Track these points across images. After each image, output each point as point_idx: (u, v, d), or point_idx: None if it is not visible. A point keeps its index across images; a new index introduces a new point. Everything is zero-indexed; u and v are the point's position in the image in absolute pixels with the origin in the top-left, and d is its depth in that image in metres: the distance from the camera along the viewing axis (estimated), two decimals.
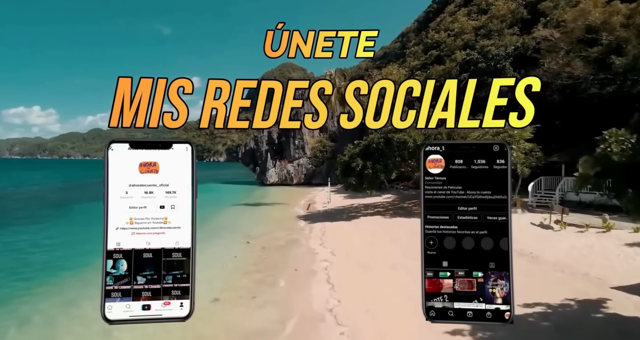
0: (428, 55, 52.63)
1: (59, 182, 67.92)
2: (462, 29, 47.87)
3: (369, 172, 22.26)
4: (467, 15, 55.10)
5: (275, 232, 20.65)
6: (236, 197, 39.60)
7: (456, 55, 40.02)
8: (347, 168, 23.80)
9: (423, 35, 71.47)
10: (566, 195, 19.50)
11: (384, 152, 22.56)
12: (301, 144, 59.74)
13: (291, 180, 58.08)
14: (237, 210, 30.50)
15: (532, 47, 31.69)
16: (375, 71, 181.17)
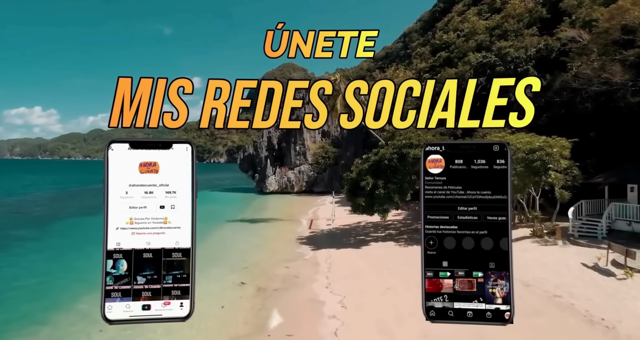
0: (437, 57, 49.78)
1: (52, 189, 65.22)
2: (474, 29, 45.00)
3: (381, 193, 19.49)
4: (477, 15, 52.27)
5: (275, 263, 17.86)
6: (233, 210, 36.81)
7: (469, 57, 37.17)
8: (355, 187, 21.02)
9: (429, 35, 68.64)
10: (615, 224, 16.69)
11: (398, 169, 19.79)
12: (302, 150, 56.94)
13: (292, 188, 55.28)
14: (233, 229, 27.70)
15: (557, 49, 28.83)
16: (379, 73, 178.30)
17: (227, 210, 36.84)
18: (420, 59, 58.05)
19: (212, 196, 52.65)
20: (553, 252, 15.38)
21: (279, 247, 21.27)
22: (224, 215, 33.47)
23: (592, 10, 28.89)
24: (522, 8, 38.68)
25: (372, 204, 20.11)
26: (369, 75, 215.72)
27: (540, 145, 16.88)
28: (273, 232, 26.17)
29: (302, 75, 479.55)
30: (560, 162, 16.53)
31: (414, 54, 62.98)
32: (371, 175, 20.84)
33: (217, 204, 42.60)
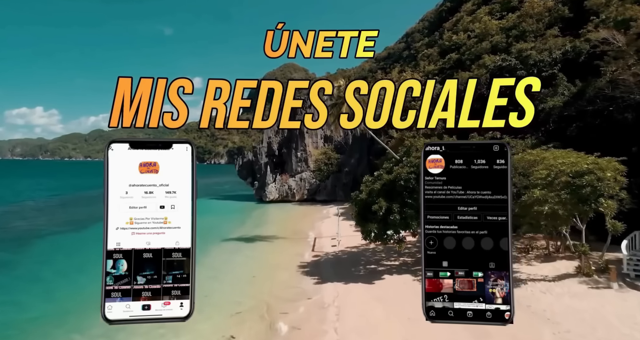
0: (446, 59, 47.12)
1: (45, 197, 62.71)
2: (486, 30, 42.34)
3: (396, 218, 16.83)
4: (488, 14, 49.61)
5: (274, 305, 15.18)
6: (230, 225, 34.15)
7: (484, 59, 34.51)
8: (365, 210, 18.37)
9: (436, 36, 65.94)
10: None
11: (415, 191, 17.14)
12: (304, 156, 54.26)
13: (293, 196, 52.60)
14: (229, 251, 25.04)
15: (586, 51, 26.11)
16: (381, 74, 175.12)
17: (224, 224, 34.18)
18: (428, 61, 55.40)
19: (210, 205, 50.01)
20: (611, 300, 12.70)
21: (278, 279, 18.60)
22: (221, 232, 30.81)
23: (624, 9, 26.20)
24: (540, 7, 35.98)
25: (385, 229, 17.46)
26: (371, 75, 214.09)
27: (588, 167, 14.15)
28: (273, 256, 23.48)
29: (303, 75, 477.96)
30: (614, 188, 13.80)
31: (421, 56, 60.31)
32: (384, 197, 18.16)
33: (214, 216, 39.95)
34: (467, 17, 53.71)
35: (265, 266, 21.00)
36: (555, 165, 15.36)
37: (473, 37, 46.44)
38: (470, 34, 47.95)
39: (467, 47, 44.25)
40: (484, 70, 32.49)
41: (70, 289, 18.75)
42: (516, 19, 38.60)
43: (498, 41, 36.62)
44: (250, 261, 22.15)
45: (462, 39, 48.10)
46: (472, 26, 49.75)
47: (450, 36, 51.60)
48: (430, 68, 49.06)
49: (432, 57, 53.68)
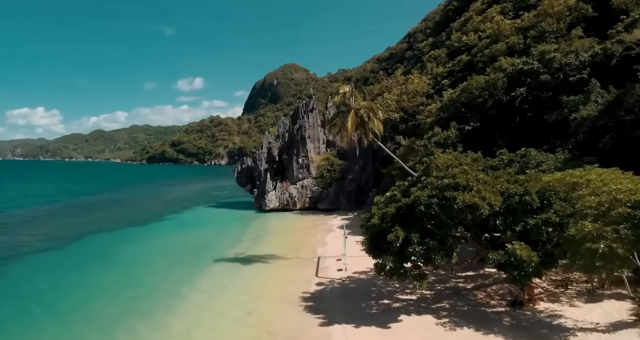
0: (456, 60, 44.57)
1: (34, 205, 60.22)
2: (500, 30, 39.79)
3: (416, 250, 14.37)
4: (499, 13, 47.05)
5: None
6: (226, 241, 31.67)
7: (500, 62, 31.97)
8: (378, 238, 15.91)
9: (442, 36, 63.43)
10: None
11: (439, 219, 14.67)
12: (305, 162, 51.74)
13: (294, 204, 50.08)
14: (221, 276, 22.55)
15: (619, 54, 23.58)
16: (383, 75, 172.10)
17: (220, 240, 31.72)
18: (435, 62, 52.86)
19: (206, 215, 47.56)
20: None
21: (275, 319, 16.10)
22: (215, 250, 28.36)
23: None
24: (561, 5, 33.42)
25: (402, 264, 15.01)
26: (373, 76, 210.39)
27: None
28: (271, 283, 20.98)
29: (303, 75, 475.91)
30: None
31: (427, 57, 57.74)
32: (400, 224, 15.67)
33: (210, 229, 37.49)
34: (477, 17, 51.17)
35: (261, 299, 18.48)
36: (608, 191, 12.85)
37: (484, 37, 43.89)
38: (481, 34, 45.42)
39: (479, 48, 41.71)
40: (501, 73, 29.96)
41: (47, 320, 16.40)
42: (533, 18, 36.05)
43: (515, 42, 34.09)
44: (243, 293, 19.63)
45: (473, 40, 45.57)
46: (482, 26, 47.18)
47: (460, 37, 49.06)
48: (438, 70, 46.52)
49: (440, 59, 51.14)
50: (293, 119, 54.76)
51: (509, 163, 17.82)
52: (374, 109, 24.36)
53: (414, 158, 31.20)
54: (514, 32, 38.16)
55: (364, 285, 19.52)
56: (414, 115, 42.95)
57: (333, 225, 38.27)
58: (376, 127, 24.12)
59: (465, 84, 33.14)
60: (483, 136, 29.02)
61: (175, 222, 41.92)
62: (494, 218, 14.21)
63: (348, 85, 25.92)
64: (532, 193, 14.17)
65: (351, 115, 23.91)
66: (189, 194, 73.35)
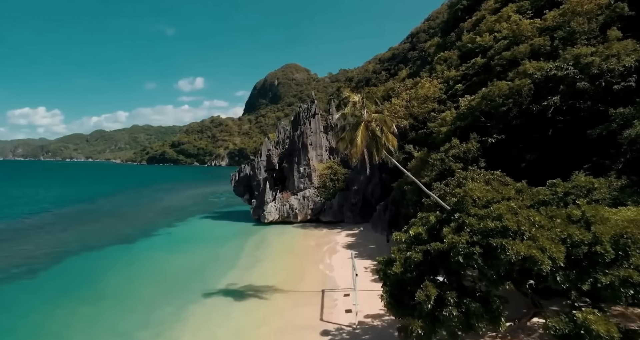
0: (470, 63, 41.27)
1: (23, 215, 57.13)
2: (520, 31, 36.49)
3: (452, 314, 11.19)
4: (516, 12, 43.75)
5: None
6: (216, 266, 28.45)
7: (525, 66, 28.68)
8: (401, 291, 12.72)
9: (452, 37, 60.12)
10: None
11: (482, 271, 11.47)
12: (307, 171, 48.50)
13: (295, 217, 46.85)
14: (205, 318, 19.29)
15: None
16: (385, 75, 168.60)
17: (212, 265, 28.48)
18: (446, 65, 49.54)
19: (200, 229, 44.31)
20: None
21: None
22: (205, 278, 25.14)
23: None
24: (591, 3, 30.13)
25: (434, 331, 11.81)
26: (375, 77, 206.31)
27: None
28: (266, 333, 17.68)
29: (304, 75, 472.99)
30: None
31: (437, 59, 54.41)
32: (429, 273, 12.45)
33: (202, 248, 34.25)
34: (491, 16, 47.84)
35: None
36: None
37: (500, 38, 40.58)
38: (497, 35, 42.10)
39: (496, 50, 38.39)
40: (527, 79, 26.66)
41: None
42: (558, 17, 32.75)
43: (540, 44, 30.78)
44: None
45: (488, 41, 42.24)
46: (498, 26, 43.86)
47: (473, 37, 45.74)
48: (451, 74, 43.20)
49: (451, 61, 47.82)
50: (294, 125, 51.51)
51: (564, 197, 14.46)
52: (388, 121, 21.08)
53: (428, 173, 27.96)
54: (535, 32, 34.86)
55: (380, 338, 16.24)
56: (425, 122, 39.69)
57: (338, 243, 35.03)
58: (390, 142, 20.87)
59: (485, 90, 29.86)
60: (508, 150, 25.76)
61: (165, 238, 38.70)
62: (554, 273, 10.96)
63: (358, 94, 22.63)
64: (605, 241, 10.92)
65: (361, 129, 20.65)
66: (185, 202, 70.15)
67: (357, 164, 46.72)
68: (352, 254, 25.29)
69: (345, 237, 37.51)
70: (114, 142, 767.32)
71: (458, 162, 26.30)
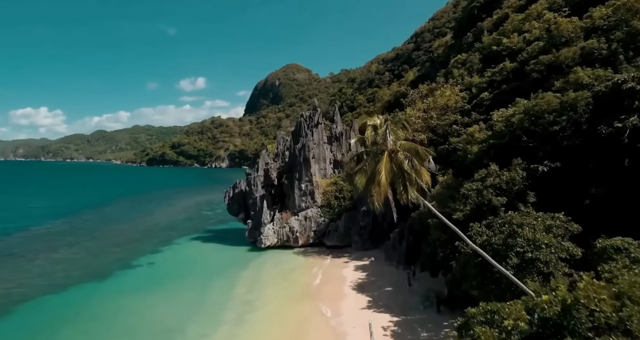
0: (497, 68, 35.89)
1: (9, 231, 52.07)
2: (559, 31, 31.14)
3: None
4: (548, 10, 38.39)
5: None
6: (200, 318, 23.14)
7: (577, 74, 23.33)
8: None
9: (468, 37, 54.74)
10: None
11: None
12: (309, 188, 43.20)
13: (295, 240, 41.56)
14: None
15: None
16: (388, 76, 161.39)
17: (193, 319, 23.15)
18: (464, 68, 44.14)
19: (187, 258, 38.89)
20: None
21: None
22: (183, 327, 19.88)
23: None
24: None
25: None
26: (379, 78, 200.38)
27: None
28: None
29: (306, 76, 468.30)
30: None
31: (453, 62, 49.01)
32: None
33: (184, 290, 28.85)
34: (517, 15, 42.46)
35: None
36: None
37: (532, 39, 35.25)
38: (527, 35, 36.76)
39: (529, 53, 33.05)
40: (585, 91, 21.30)
41: None
42: (610, 15, 27.37)
43: (594, 47, 25.40)
44: None
45: (516, 43, 36.87)
46: (527, 26, 38.53)
47: (498, 38, 40.34)
48: (474, 80, 37.79)
49: (473, 65, 42.41)
50: (294, 136, 46.21)
51: None
52: (421, 152, 15.80)
53: (460, 206, 22.58)
54: (579, 33, 29.51)
55: None
56: (446, 136, 34.33)
57: (346, 280, 29.69)
58: (423, 179, 15.59)
59: (527, 103, 24.51)
60: (564, 181, 20.42)
61: (144, 272, 33.42)
62: None
63: (379, 116, 17.32)
64: None
65: (384, 162, 15.39)
66: (176, 216, 64.90)
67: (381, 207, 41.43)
68: (370, 326, 19.89)
69: (355, 271, 32.19)
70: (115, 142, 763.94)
71: (501, 196, 20.94)
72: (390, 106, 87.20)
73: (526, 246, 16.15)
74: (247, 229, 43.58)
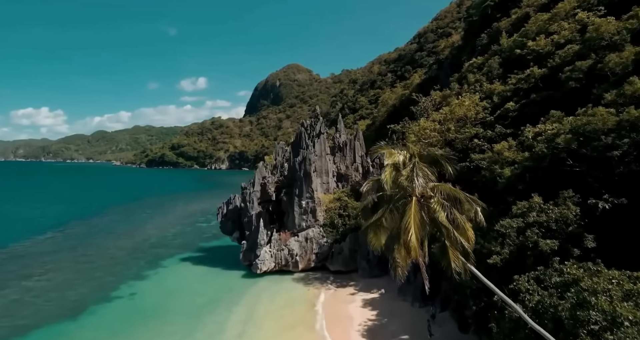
0: (524, 74, 31.75)
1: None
2: (598, 33, 27.01)
3: None
4: (578, 8, 34.27)
5: None
6: None
7: (636, 85, 19.23)
8: None
9: (483, 39, 50.58)
10: None
11: None
12: (310, 205, 39.11)
13: (295, 265, 37.47)
14: None
15: None
16: (391, 77, 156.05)
17: None
18: (481, 74, 39.97)
19: (175, 286, 34.57)
20: None
21: None
22: None
23: None
24: None
25: None
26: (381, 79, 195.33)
27: None
28: None
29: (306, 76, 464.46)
30: None
31: (467, 66, 44.87)
32: None
33: (167, 334, 24.80)
34: (541, 14, 38.29)
35: None
36: None
37: (563, 42, 31.15)
38: (555, 37, 32.62)
39: (562, 58, 28.95)
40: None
41: None
42: None
43: None
44: None
45: (544, 46, 32.72)
46: (554, 27, 34.41)
47: (521, 41, 36.17)
48: (496, 87, 33.61)
49: (492, 69, 38.23)
50: (294, 148, 42.13)
51: None
52: (463, 200, 11.71)
53: (496, 247, 18.47)
54: (626, 35, 25.39)
55: None
56: (466, 151, 30.24)
57: (353, 321, 25.61)
58: (468, 238, 11.52)
59: (574, 120, 20.42)
60: (629, 221, 16.30)
61: (123, 308, 29.28)
62: None
63: (402, 149, 13.16)
64: None
65: (413, 212, 11.31)
66: (169, 229, 60.79)
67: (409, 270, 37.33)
68: None
69: (363, 307, 28.10)
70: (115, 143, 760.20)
71: (549, 238, 16.83)
72: (395, 111, 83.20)
73: (603, 322, 12.07)
74: (241, 251, 39.45)
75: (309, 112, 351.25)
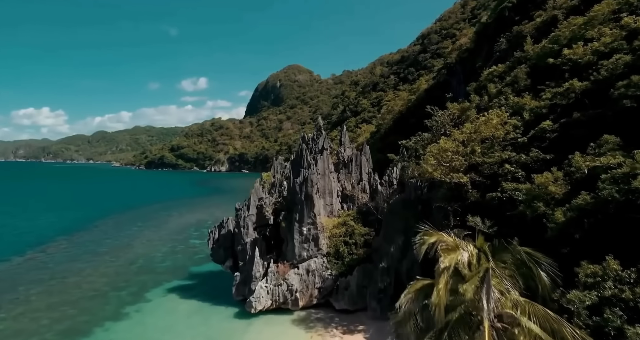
0: (563, 88, 27.24)
1: None
2: None
3: None
4: (618, 12, 29.83)
5: None
6: None
7: None
8: None
9: (501, 45, 46.08)
10: None
11: None
12: (312, 232, 34.63)
13: (295, 302, 32.98)
14: None
15: None
16: (394, 79, 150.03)
17: None
18: (507, 85, 35.42)
19: (155, 327, 30.02)
20: None
21: None
22: None
23: None
24: None
25: None
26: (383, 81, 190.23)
27: None
28: None
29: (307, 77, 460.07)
30: None
31: (486, 75, 40.34)
32: None
33: None
34: (573, 18, 33.79)
35: None
36: None
37: (608, 51, 26.69)
38: (595, 45, 28.14)
39: (610, 70, 24.48)
40: None
41: None
42: None
43: None
44: None
45: (582, 55, 28.23)
46: (591, 33, 29.96)
47: (554, 48, 31.66)
48: (528, 102, 29.05)
49: (519, 81, 33.70)
50: (294, 166, 37.62)
51: None
52: (557, 330, 7.20)
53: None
54: None
55: None
56: (495, 178, 25.78)
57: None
58: None
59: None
60: None
61: None
62: None
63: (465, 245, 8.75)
64: None
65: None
66: (159, 248, 56.29)
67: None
68: None
69: None
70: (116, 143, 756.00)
71: (635, 321, 12.36)
72: (402, 118, 78.72)
73: None
74: (234, 284, 34.95)
75: (309, 113, 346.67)
